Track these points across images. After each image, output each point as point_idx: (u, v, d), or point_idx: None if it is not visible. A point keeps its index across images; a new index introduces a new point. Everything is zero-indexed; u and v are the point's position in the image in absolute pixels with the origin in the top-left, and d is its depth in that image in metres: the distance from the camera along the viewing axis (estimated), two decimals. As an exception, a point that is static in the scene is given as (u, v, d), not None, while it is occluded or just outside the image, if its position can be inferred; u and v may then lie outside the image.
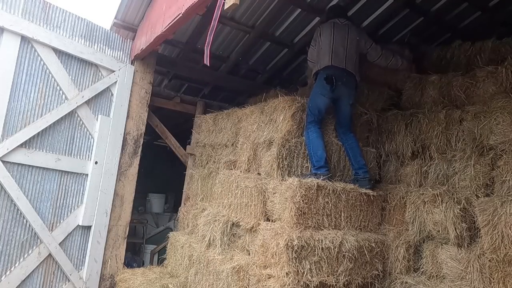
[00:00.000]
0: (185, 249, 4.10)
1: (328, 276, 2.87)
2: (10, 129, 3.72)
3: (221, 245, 3.61)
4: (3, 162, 3.65)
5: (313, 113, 3.42)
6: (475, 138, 3.32)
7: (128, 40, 4.64)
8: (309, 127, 3.40)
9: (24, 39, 3.80)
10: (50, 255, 3.97)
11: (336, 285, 2.91)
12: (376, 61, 3.90)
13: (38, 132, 3.89)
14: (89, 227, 4.26)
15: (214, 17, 2.81)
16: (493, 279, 2.78)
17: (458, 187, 3.34)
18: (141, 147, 4.71)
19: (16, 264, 3.75)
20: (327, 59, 3.55)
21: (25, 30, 3.75)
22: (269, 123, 3.70)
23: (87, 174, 4.27)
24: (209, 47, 2.96)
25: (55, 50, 4.01)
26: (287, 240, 2.72)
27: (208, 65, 3.05)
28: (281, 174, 3.27)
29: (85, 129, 4.28)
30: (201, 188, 4.71)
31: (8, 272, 3.69)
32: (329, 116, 3.66)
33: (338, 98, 3.53)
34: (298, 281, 2.73)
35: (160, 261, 5.04)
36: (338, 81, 3.45)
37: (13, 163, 3.73)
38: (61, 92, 4.07)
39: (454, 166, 3.43)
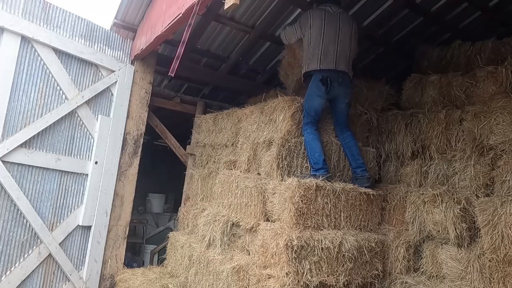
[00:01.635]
0: (185, 249, 4.10)
1: (328, 276, 2.87)
2: (10, 129, 3.72)
3: (221, 245, 3.61)
4: (3, 162, 3.65)
5: (309, 114, 3.39)
6: (475, 138, 3.32)
7: (128, 40, 4.64)
8: (306, 128, 3.38)
9: (24, 39, 3.80)
10: (50, 255, 3.97)
11: (336, 285, 2.91)
12: None
13: (38, 132, 3.89)
14: (89, 227, 4.27)
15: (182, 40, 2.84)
16: (493, 279, 2.78)
17: (458, 187, 3.34)
18: (141, 147, 4.71)
19: (16, 264, 3.75)
20: (316, 62, 3.42)
21: (25, 30, 3.76)
22: (268, 123, 3.70)
23: (87, 174, 4.27)
24: (179, 59, 2.97)
25: (55, 50, 4.01)
26: (286, 240, 2.72)
27: (173, 75, 3.06)
28: (281, 174, 3.27)
29: (85, 129, 4.28)
30: (201, 188, 4.71)
31: (8, 272, 3.70)
32: (328, 116, 3.65)
33: (334, 97, 3.49)
34: (298, 281, 2.73)
35: (160, 261, 5.05)
36: (334, 82, 3.39)
37: (13, 163, 3.73)
38: (61, 92, 4.07)
39: (454, 166, 3.43)
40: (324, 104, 3.45)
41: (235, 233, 3.66)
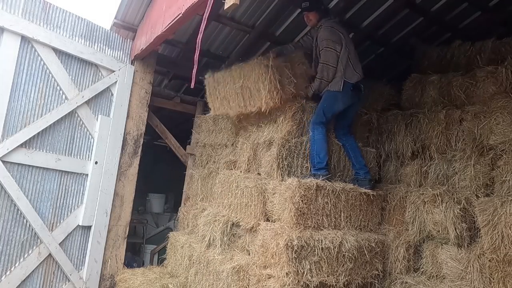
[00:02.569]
0: (185, 249, 4.10)
1: (328, 276, 2.87)
2: (10, 129, 3.72)
3: (221, 245, 3.61)
4: (3, 162, 3.65)
5: (325, 116, 3.40)
6: (475, 138, 3.32)
7: (128, 40, 4.63)
8: (316, 127, 3.38)
9: (24, 39, 3.80)
10: (50, 255, 3.97)
11: (336, 285, 2.92)
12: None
13: (38, 132, 3.89)
14: (89, 227, 4.26)
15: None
16: (493, 279, 2.78)
17: (458, 187, 3.34)
18: (141, 147, 4.71)
19: (16, 264, 3.75)
20: (360, 69, 3.49)
21: (25, 30, 3.75)
22: (269, 123, 3.70)
23: (87, 174, 4.27)
24: (195, 70, 2.95)
25: (55, 50, 4.01)
26: (287, 240, 2.72)
27: (192, 87, 3.02)
28: (281, 174, 3.27)
29: (85, 129, 4.28)
30: (201, 188, 4.71)
31: (8, 272, 3.69)
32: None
33: (351, 104, 3.52)
34: (298, 281, 2.74)
35: (160, 261, 5.04)
36: (362, 90, 3.50)
37: (13, 163, 3.73)
38: (61, 92, 4.07)
39: (454, 166, 3.44)
40: (342, 109, 3.48)
41: (235, 233, 3.66)
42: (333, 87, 3.44)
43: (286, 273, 2.71)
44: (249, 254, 3.35)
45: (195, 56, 2.92)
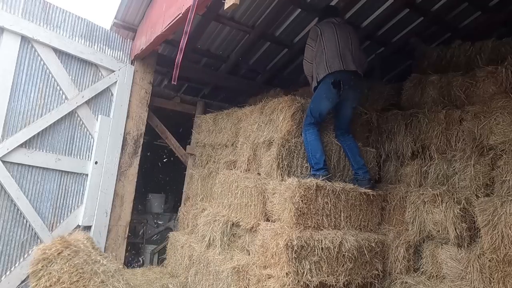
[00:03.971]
0: (185, 249, 4.10)
1: (328, 276, 2.87)
2: (10, 129, 3.72)
3: (221, 245, 3.61)
4: (3, 162, 3.65)
5: (313, 116, 3.38)
6: (475, 138, 3.32)
7: (128, 40, 4.64)
8: (307, 128, 3.37)
9: (24, 39, 3.80)
10: (50, 255, 3.97)
11: (336, 285, 2.91)
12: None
13: (38, 132, 3.89)
14: (89, 227, 4.26)
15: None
16: (493, 279, 2.78)
17: (458, 187, 3.34)
18: (141, 147, 4.71)
19: (16, 264, 3.75)
20: (337, 63, 3.39)
21: (25, 30, 3.75)
22: (269, 123, 3.70)
23: (87, 174, 4.27)
24: (178, 67, 3.05)
25: (55, 50, 4.01)
26: (286, 240, 2.72)
27: (175, 83, 3.15)
28: (281, 174, 3.27)
29: (85, 129, 4.28)
30: (201, 188, 4.71)
31: (8, 272, 3.69)
32: (329, 116, 3.65)
33: (341, 101, 3.46)
34: (298, 281, 2.74)
35: (160, 261, 5.04)
36: (345, 85, 3.36)
37: (13, 163, 3.73)
38: (61, 92, 4.07)
39: (454, 166, 3.43)
40: (331, 107, 3.44)
41: (235, 233, 3.66)
42: (312, 86, 3.55)
43: (286, 273, 2.71)
44: (249, 254, 3.35)
45: (178, 54, 3.07)
